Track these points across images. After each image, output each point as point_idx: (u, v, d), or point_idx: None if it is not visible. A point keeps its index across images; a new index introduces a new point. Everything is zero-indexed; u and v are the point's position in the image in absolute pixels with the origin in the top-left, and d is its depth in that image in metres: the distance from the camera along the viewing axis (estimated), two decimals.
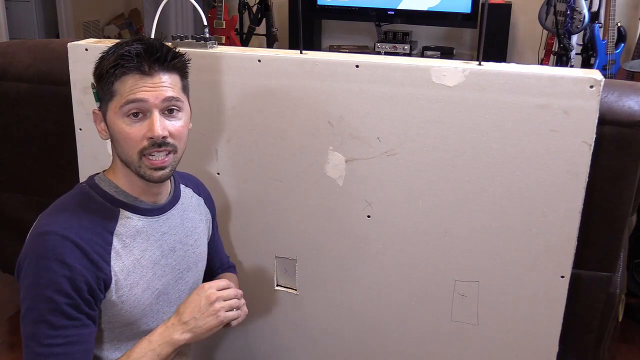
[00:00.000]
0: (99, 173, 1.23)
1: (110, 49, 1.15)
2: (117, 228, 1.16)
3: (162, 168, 1.15)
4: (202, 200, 1.40)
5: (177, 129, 1.15)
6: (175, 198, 1.28)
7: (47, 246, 1.08)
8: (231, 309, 1.20)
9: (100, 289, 1.12)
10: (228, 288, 1.21)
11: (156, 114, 1.12)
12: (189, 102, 1.21)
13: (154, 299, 1.22)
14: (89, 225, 1.13)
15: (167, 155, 1.15)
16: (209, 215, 1.42)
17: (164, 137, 1.12)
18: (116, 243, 1.15)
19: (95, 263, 1.11)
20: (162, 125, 1.12)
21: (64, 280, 1.07)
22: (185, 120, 1.18)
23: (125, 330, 1.20)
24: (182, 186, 1.33)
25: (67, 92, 1.66)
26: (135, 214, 1.19)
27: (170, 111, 1.15)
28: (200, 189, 1.41)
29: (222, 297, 1.19)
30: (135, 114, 1.12)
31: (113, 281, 1.13)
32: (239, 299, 1.22)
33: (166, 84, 1.13)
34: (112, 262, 1.14)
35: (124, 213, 1.18)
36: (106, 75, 1.13)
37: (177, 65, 1.17)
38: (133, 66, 1.11)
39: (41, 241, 1.09)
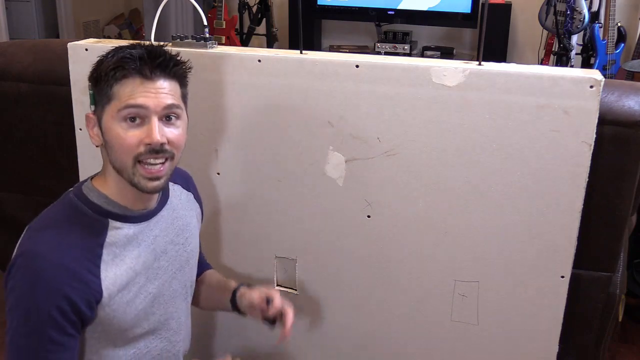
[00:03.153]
0: (86, 181, 1.20)
1: (109, 52, 1.12)
2: (106, 240, 1.13)
3: (157, 178, 1.12)
4: (192, 196, 1.38)
5: (176, 137, 1.13)
6: (164, 198, 1.26)
7: (34, 269, 1.06)
8: None
9: (91, 308, 1.10)
10: None
11: (155, 120, 1.09)
12: (186, 111, 1.18)
13: (149, 303, 1.21)
14: (77, 241, 1.10)
15: (163, 164, 1.12)
16: (199, 210, 1.41)
17: (162, 144, 1.10)
18: (106, 255, 1.13)
19: (84, 282, 1.08)
20: (160, 132, 1.09)
21: (52, 307, 1.05)
22: (184, 129, 1.16)
23: (120, 336, 1.19)
24: (170, 184, 1.30)
25: (67, 92, 1.66)
26: (126, 222, 1.17)
27: (169, 118, 1.12)
28: (189, 183, 1.39)
29: None
30: (133, 119, 1.09)
31: (105, 295, 1.11)
32: None
33: (166, 90, 1.10)
34: (102, 275, 1.11)
35: (113, 224, 1.15)
36: (105, 78, 1.09)
37: (178, 72, 1.14)
38: (134, 69, 1.08)
39: (29, 262, 1.07)
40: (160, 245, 1.23)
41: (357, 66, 1.42)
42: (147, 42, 1.17)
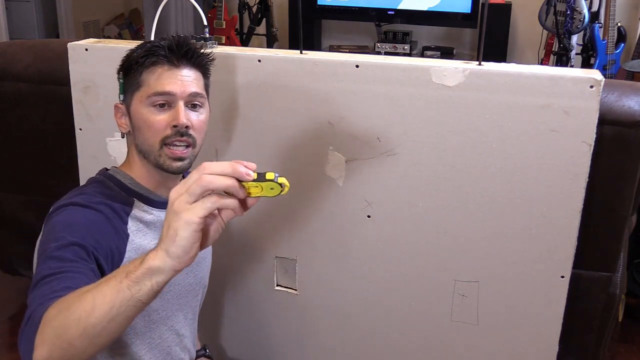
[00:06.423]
0: (110, 168, 1.25)
1: (138, 46, 1.20)
2: (132, 212, 1.19)
3: (181, 159, 1.18)
4: None
5: (198, 123, 1.19)
6: None
7: (70, 210, 1.10)
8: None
9: (112, 258, 1.10)
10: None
11: (181, 104, 1.16)
12: (209, 102, 1.25)
13: (166, 287, 1.20)
14: (109, 203, 1.16)
15: (186, 147, 1.17)
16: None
17: (187, 127, 1.16)
18: (131, 224, 1.18)
19: (117, 230, 1.13)
20: (186, 116, 1.16)
21: (83, 220, 1.08)
22: (206, 117, 1.22)
23: (140, 317, 1.15)
24: None
25: (67, 92, 1.66)
26: (149, 205, 1.22)
27: (194, 106, 1.19)
28: None
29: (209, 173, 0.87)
30: (162, 105, 1.16)
31: (126, 258, 1.14)
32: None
33: (191, 78, 1.18)
34: (129, 239, 1.16)
35: (138, 203, 1.21)
36: (135, 65, 1.17)
37: (202, 62, 1.22)
38: (163, 56, 1.16)
39: (64, 206, 1.10)
40: None
41: (357, 66, 1.42)
42: (175, 35, 1.24)
